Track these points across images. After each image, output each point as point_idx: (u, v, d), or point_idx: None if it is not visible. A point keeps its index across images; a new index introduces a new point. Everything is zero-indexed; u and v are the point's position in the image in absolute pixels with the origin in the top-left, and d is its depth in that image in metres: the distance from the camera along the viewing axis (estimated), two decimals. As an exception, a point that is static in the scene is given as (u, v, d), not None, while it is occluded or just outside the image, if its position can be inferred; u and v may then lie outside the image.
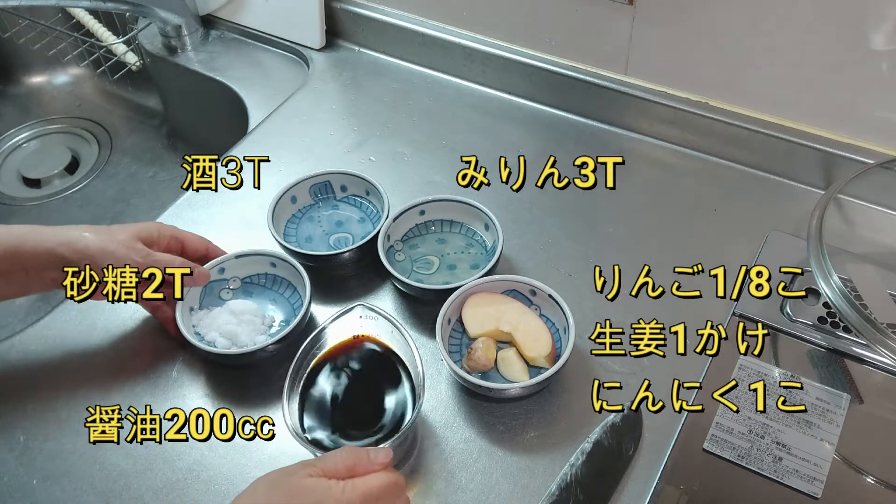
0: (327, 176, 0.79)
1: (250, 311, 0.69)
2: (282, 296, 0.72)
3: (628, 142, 0.88)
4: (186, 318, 0.68)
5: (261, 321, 0.69)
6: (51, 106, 1.25)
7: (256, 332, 0.68)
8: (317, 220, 0.78)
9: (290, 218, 0.78)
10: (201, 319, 0.69)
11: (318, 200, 0.80)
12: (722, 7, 0.76)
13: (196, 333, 0.68)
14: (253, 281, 0.73)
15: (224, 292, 0.72)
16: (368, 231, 0.76)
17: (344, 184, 0.79)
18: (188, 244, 0.71)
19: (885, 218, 0.79)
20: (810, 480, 0.60)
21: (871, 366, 0.67)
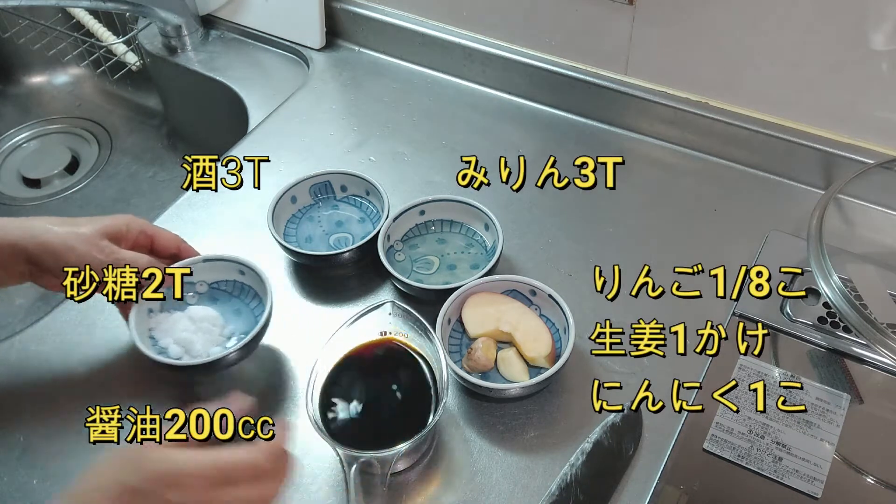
0: (327, 176, 0.79)
1: (209, 320, 0.67)
2: (247, 306, 0.70)
3: (628, 142, 0.88)
4: (143, 320, 0.66)
5: (219, 331, 0.67)
6: (51, 106, 1.25)
7: (212, 343, 0.66)
8: (317, 220, 0.78)
9: (290, 218, 0.78)
10: (160, 323, 0.66)
11: (318, 200, 0.79)
12: (722, 7, 0.76)
13: (151, 338, 0.65)
14: (220, 287, 0.71)
15: (189, 296, 0.69)
16: (368, 231, 0.76)
17: (344, 184, 0.79)
18: (158, 241, 0.68)
19: (885, 218, 0.79)
20: (810, 480, 0.60)
21: (871, 366, 0.67)
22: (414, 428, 0.58)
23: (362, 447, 0.57)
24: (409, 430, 0.58)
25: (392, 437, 0.58)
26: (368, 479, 0.57)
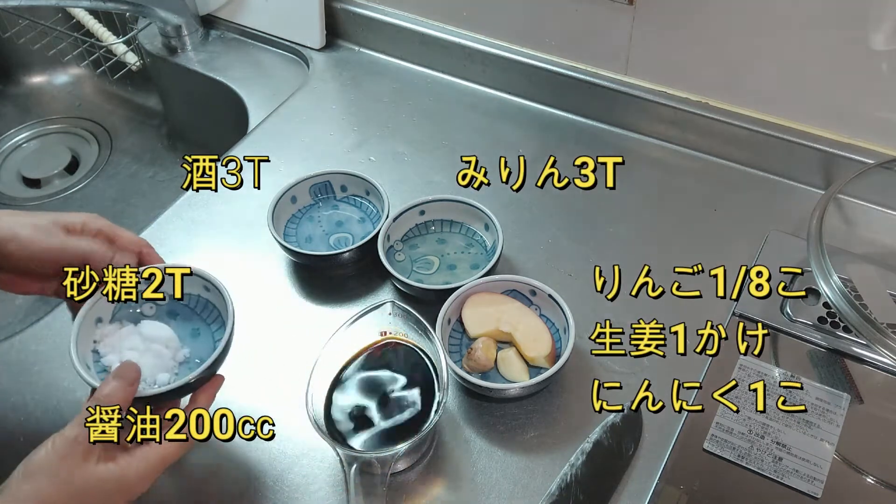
0: (327, 176, 0.79)
1: (162, 341, 0.59)
2: (208, 328, 0.62)
3: (628, 142, 0.88)
4: (88, 330, 0.59)
5: (171, 354, 0.60)
6: (51, 106, 1.25)
7: (161, 368, 0.58)
8: (317, 220, 0.78)
9: (290, 218, 0.78)
10: (106, 336, 0.59)
11: (318, 200, 0.79)
12: (722, 7, 0.76)
13: (94, 352, 0.59)
14: (182, 301, 0.62)
15: (147, 307, 0.62)
16: (368, 231, 0.76)
17: (344, 184, 0.79)
18: (120, 241, 0.62)
19: (885, 218, 0.79)
20: (810, 480, 0.60)
21: (871, 366, 0.67)
22: (414, 428, 0.58)
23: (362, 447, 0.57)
24: (409, 430, 0.58)
25: (392, 437, 0.58)
26: (368, 479, 0.57)
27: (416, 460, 0.62)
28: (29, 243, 0.57)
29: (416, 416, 0.60)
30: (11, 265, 0.58)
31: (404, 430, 0.59)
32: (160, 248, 0.78)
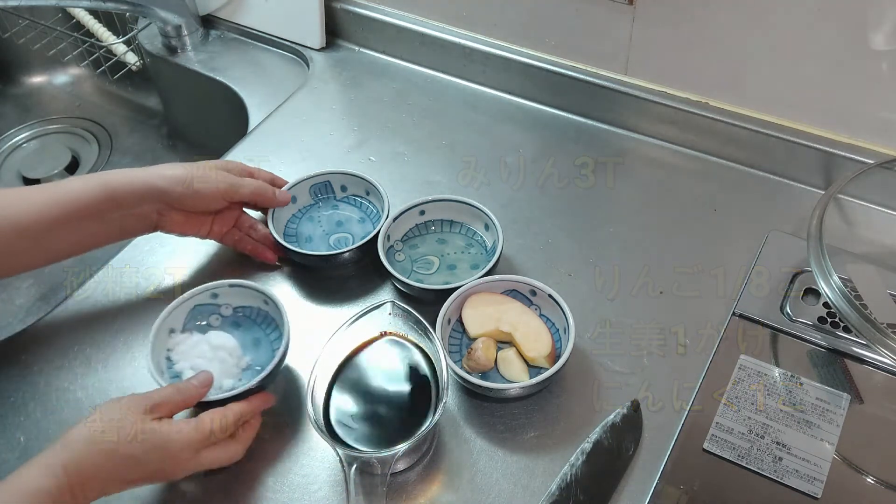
0: (327, 176, 0.79)
1: (227, 349, 0.65)
2: (267, 337, 0.68)
3: (628, 142, 0.88)
4: (163, 339, 0.65)
5: (234, 362, 0.65)
6: (51, 106, 1.25)
7: (226, 375, 0.64)
8: (317, 219, 0.78)
9: (290, 218, 0.78)
10: (178, 344, 0.65)
11: (318, 200, 0.80)
12: (722, 7, 0.76)
13: (168, 359, 0.65)
14: (244, 314, 0.69)
15: (214, 318, 0.68)
16: (368, 231, 0.76)
17: (344, 184, 0.79)
18: (256, 175, 0.75)
19: (885, 218, 0.79)
20: (810, 480, 0.60)
21: (871, 366, 0.67)
22: (414, 428, 0.58)
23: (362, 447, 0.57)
24: (410, 430, 0.58)
25: (392, 437, 0.58)
26: (368, 479, 0.57)
27: (416, 460, 0.62)
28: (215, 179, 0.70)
29: (416, 416, 0.60)
30: (189, 204, 0.69)
31: (404, 430, 0.59)
32: (162, 248, 0.79)
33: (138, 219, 0.69)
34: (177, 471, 0.57)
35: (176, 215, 0.70)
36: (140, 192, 0.67)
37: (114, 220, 0.67)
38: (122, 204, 0.67)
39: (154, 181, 0.67)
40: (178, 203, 0.69)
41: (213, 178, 0.70)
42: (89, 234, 0.67)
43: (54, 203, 0.64)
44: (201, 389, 0.60)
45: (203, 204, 0.70)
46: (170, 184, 0.68)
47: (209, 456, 0.58)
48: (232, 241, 0.75)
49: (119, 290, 0.76)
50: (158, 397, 0.58)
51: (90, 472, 0.53)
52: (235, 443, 0.60)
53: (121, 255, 0.78)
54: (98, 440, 0.54)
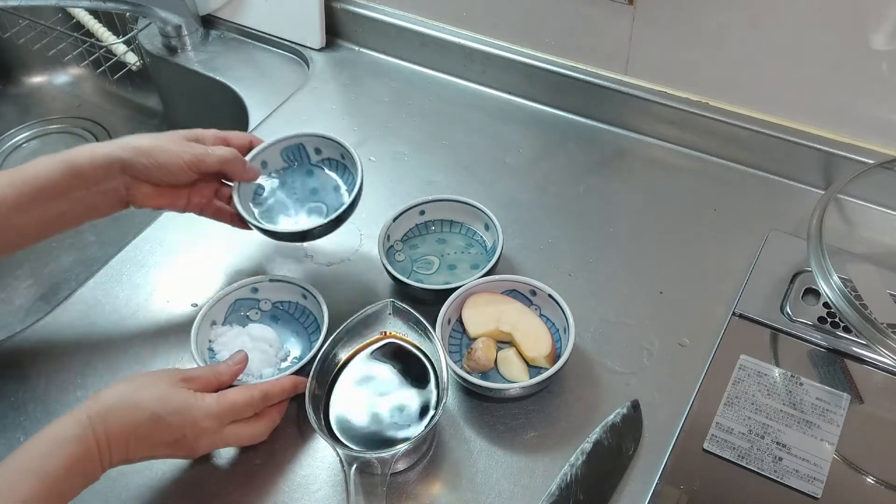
0: (300, 138, 0.74)
1: (267, 340, 0.67)
2: (305, 330, 0.70)
3: (628, 142, 0.88)
4: (205, 331, 0.67)
5: (274, 353, 0.67)
6: (51, 106, 1.25)
7: (265, 364, 0.66)
8: (290, 185, 0.74)
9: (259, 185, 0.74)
10: (220, 336, 0.68)
11: (290, 164, 0.75)
12: (722, 7, 0.76)
13: (210, 349, 0.67)
14: (283, 308, 0.71)
15: (253, 313, 0.70)
16: (342, 202, 0.71)
17: (318, 146, 0.75)
18: (232, 141, 0.71)
19: (885, 218, 0.79)
20: (810, 480, 0.60)
21: (871, 366, 0.67)
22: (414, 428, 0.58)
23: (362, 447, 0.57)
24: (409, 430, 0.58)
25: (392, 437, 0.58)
26: (368, 479, 0.57)
27: (416, 460, 0.62)
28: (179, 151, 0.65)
29: (416, 416, 0.60)
30: (155, 176, 0.65)
31: (404, 430, 0.59)
32: (160, 247, 0.79)
33: (106, 195, 0.65)
34: (199, 442, 0.57)
35: (145, 188, 0.66)
36: (103, 166, 0.64)
37: (81, 199, 0.64)
38: (87, 180, 0.64)
39: (116, 153, 0.64)
40: (144, 175, 0.65)
41: (176, 149, 0.66)
42: (57, 214, 0.64)
43: (20, 184, 0.62)
44: (235, 367, 0.61)
45: (170, 176, 0.66)
46: (132, 155, 0.64)
47: (232, 431, 0.59)
48: (212, 212, 0.72)
49: (119, 290, 0.76)
50: (192, 372, 0.60)
51: (114, 426, 0.54)
52: (259, 422, 0.61)
53: (121, 255, 0.79)
54: (125, 396, 0.55)
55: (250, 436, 0.61)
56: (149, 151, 0.65)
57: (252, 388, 0.60)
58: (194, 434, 0.57)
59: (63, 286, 0.97)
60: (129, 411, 0.55)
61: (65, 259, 1.01)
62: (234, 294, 0.69)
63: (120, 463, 0.55)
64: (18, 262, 1.01)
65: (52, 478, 0.51)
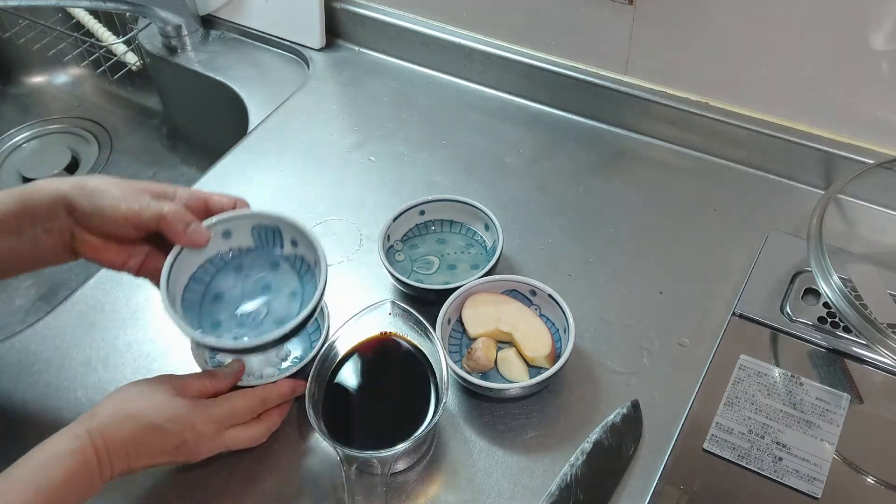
0: (278, 221, 0.61)
1: None
2: (305, 330, 0.62)
3: (628, 142, 0.88)
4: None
5: (275, 352, 0.67)
6: (51, 106, 1.25)
7: (266, 364, 0.66)
8: (244, 273, 0.62)
9: (215, 256, 0.61)
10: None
11: (260, 246, 0.62)
12: (722, 7, 0.76)
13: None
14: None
15: None
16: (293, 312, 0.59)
17: (295, 238, 0.61)
18: (212, 202, 0.61)
19: (885, 218, 0.79)
20: (810, 480, 0.60)
21: (871, 366, 0.67)
22: (414, 428, 0.58)
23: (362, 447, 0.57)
24: (409, 430, 0.58)
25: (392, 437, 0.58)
26: (368, 479, 0.57)
27: (416, 460, 0.62)
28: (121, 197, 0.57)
29: (416, 416, 0.60)
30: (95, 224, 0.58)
31: (404, 430, 0.59)
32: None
33: (52, 237, 0.58)
34: (199, 447, 0.58)
35: (89, 237, 0.58)
36: (51, 201, 0.57)
37: (29, 237, 0.58)
38: (36, 215, 0.58)
39: (65, 190, 0.57)
40: (85, 221, 0.58)
41: (120, 197, 0.57)
42: (4, 251, 0.58)
43: None
44: (232, 376, 0.61)
45: (108, 226, 0.57)
46: (77, 194, 0.57)
47: (232, 435, 0.59)
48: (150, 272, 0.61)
49: (119, 290, 0.76)
50: (189, 378, 0.59)
51: (114, 438, 0.54)
52: (259, 425, 0.61)
53: (121, 255, 0.78)
54: (123, 407, 0.55)
55: (250, 439, 0.61)
56: (92, 192, 0.57)
57: (251, 392, 0.60)
58: (194, 440, 0.57)
59: (63, 286, 0.97)
60: (127, 422, 0.55)
61: (65, 259, 1.01)
62: None
63: (122, 474, 0.55)
64: (18, 262, 1.01)
65: (51, 491, 0.51)
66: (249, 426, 0.60)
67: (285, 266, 0.62)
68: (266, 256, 0.62)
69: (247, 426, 0.60)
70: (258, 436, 0.61)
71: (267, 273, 0.62)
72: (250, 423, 0.61)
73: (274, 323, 0.59)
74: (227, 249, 0.61)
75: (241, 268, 0.62)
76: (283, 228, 0.61)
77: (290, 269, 0.62)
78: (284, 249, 0.62)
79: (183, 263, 0.59)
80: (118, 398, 0.57)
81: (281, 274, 0.62)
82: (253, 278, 0.62)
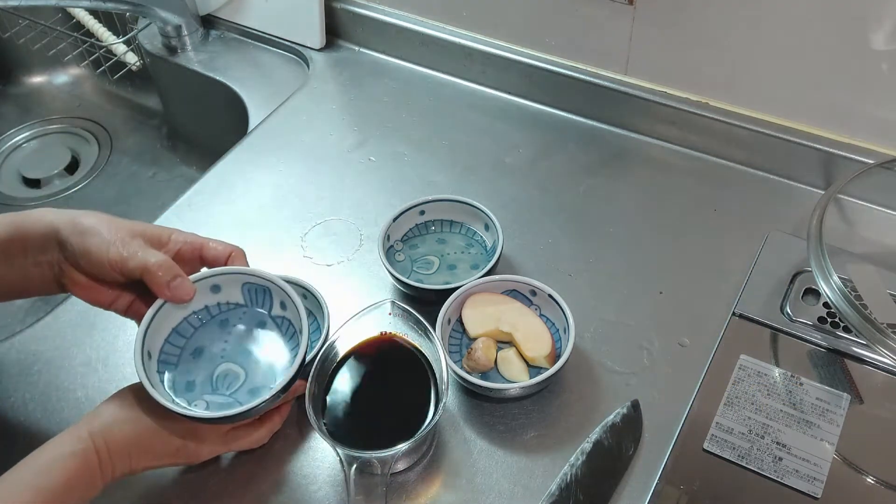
0: (268, 283, 0.60)
1: None
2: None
3: (628, 142, 0.88)
4: None
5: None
6: (51, 106, 1.25)
7: None
8: (229, 329, 0.60)
9: (202, 310, 0.60)
10: None
11: (249, 303, 0.61)
12: (722, 7, 0.76)
13: None
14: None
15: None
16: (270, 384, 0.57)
17: (284, 301, 0.60)
18: (206, 251, 0.60)
19: (885, 218, 0.79)
20: (810, 480, 0.60)
21: (871, 366, 0.67)
22: (414, 428, 0.58)
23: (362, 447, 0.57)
24: (410, 430, 0.58)
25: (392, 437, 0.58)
26: (368, 479, 0.57)
27: (416, 460, 0.62)
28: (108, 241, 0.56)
29: (416, 416, 0.60)
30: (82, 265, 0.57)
31: (404, 430, 0.58)
32: (160, 248, 0.78)
33: (41, 268, 0.58)
34: (201, 449, 0.58)
35: (76, 275, 0.58)
36: (44, 233, 0.57)
37: (19, 266, 0.58)
38: (28, 245, 0.57)
39: (59, 225, 0.57)
40: (74, 261, 0.57)
41: (110, 240, 0.56)
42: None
43: None
44: None
45: (93, 268, 0.57)
46: (70, 231, 0.56)
47: (234, 437, 0.59)
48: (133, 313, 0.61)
49: (119, 290, 0.76)
50: None
51: (116, 440, 0.54)
52: (261, 427, 0.61)
53: (121, 255, 0.78)
54: (124, 409, 0.55)
55: (252, 441, 0.61)
56: (83, 232, 0.56)
57: None
58: (196, 442, 0.57)
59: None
60: (129, 424, 0.55)
61: (65, 259, 1.01)
62: None
63: (123, 475, 0.55)
64: (18, 262, 1.01)
65: (51, 493, 0.51)
66: (251, 428, 0.61)
67: (272, 326, 0.61)
68: (254, 315, 0.61)
69: (248, 428, 0.60)
70: (260, 438, 0.61)
71: (253, 332, 0.60)
72: (252, 424, 0.61)
73: (248, 393, 0.58)
74: (214, 303, 0.60)
75: (227, 323, 0.60)
76: (273, 290, 0.60)
77: (276, 331, 0.61)
78: (273, 310, 0.61)
79: (166, 315, 0.58)
80: (120, 400, 0.56)
81: (267, 334, 0.61)
82: (237, 335, 0.60)
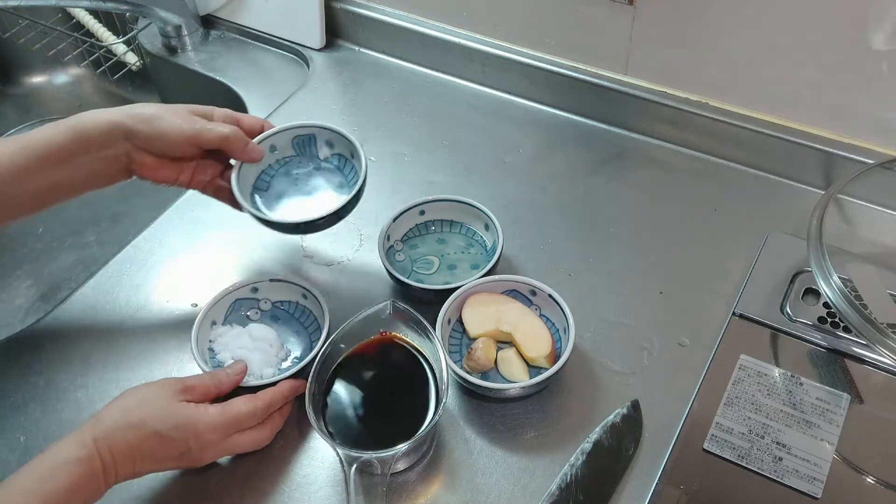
0: (313, 129, 0.73)
1: (268, 340, 0.67)
2: (305, 330, 0.70)
3: (628, 142, 0.88)
4: (205, 331, 0.67)
5: (275, 352, 0.67)
6: (51, 106, 1.25)
7: (266, 364, 0.66)
8: (294, 176, 0.73)
9: (266, 168, 0.73)
10: (220, 336, 0.67)
11: (300, 153, 0.74)
12: (722, 7, 0.76)
13: (210, 349, 0.67)
14: (283, 308, 0.71)
15: (253, 312, 0.70)
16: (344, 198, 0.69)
17: (330, 140, 0.73)
18: (243, 123, 0.70)
19: (885, 218, 0.79)
20: (810, 480, 0.60)
21: (871, 366, 0.67)
22: (414, 428, 0.58)
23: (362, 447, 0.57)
24: (410, 430, 0.58)
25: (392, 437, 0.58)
26: (368, 479, 0.57)
27: (416, 460, 0.62)
28: (176, 122, 0.65)
29: (416, 416, 0.60)
30: (156, 146, 0.65)
31: (404, 430, 0.59)
32: (160, 247, 0.79)
33: (108, 162, 0.65)
34: (204, 454, 0.58)
35: (147, 158, 0.66)
36: (106, 130, 0.64)
37: (83, 165, 0.64)
38: (90, 145, 0.64)
39: (120, 119, 0.65)
40: (145, 145, 0.65)
41: (178, 121, 0.65)
42: (59, 181, 0.64)
43: (24, 148, 0.62)
44: (235, 377, 0.61)
45: (169, 148, 0.66)
46: (135, 121, 0.65)
47: (236, 440, 0.59)
48: (213, 190, 0.71)
49: (119, 290, 0.76)
50: (192, 381, 0.59)
51: (119, 446, 0.54)
52: (263, 428, 0.61)
53: (121, 255, 0.79)
54: (127, 415, 0.55)
55: (254, 442, 0.61)
56: (150, 119, 0.65)
57: (254, 398, 0.60)
58: (199, 446, 0.57)
59: (63, 286, 0.97)
60: (133, 430, 0.55)
61: (65, 259, 1.01)
62: (234, 294, 0.69)
63: (126, 479, 0.55)
64: (18, 262, 1.01)
65: (56, 499, 0.51)
66: (253, 430, 0.61)
67: (326, 164, 0.74)
68: (308, 161, 0.74)
69: (250, 430, 0.60)
70: (262, 439, 0.61)
71: (314, 173, 0.73)
72: (255, 426, 0.61)
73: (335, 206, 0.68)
74: (274, 161, 0.73)
75: (290, 173, 0.73)
76: (317, 133, 0.73)
77: (331, 166, 0.74)
78: (321, 152, 0.74)
79: (243, 177, 0.70)
80: (123, 404, 0.56)
81: (325, 171, 0.74)
82: (303, 180, 0.73)
